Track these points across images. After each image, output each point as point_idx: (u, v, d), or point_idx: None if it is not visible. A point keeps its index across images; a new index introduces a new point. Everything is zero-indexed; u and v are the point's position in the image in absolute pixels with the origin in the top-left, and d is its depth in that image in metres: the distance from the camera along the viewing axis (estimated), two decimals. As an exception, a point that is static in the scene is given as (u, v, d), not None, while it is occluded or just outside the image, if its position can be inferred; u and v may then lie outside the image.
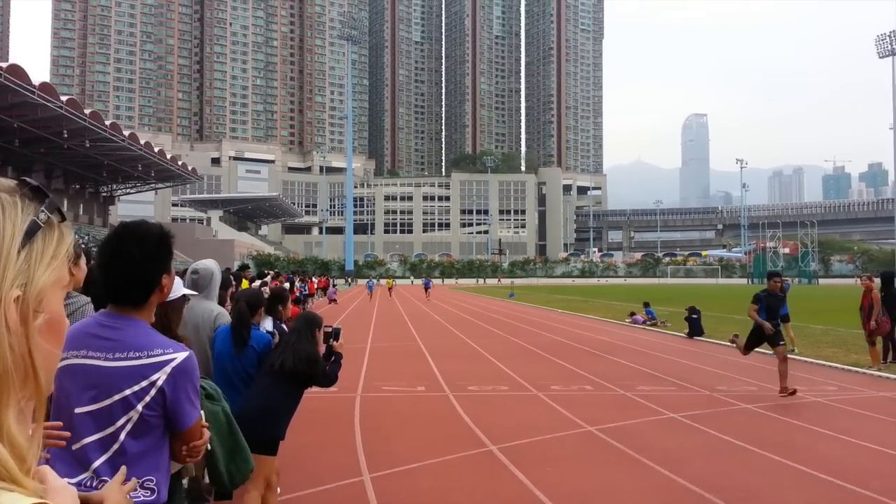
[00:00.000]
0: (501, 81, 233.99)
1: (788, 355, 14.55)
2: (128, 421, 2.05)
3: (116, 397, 2.04)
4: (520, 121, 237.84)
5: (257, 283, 14.78)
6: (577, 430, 7.90)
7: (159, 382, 2.06)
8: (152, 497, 2.07)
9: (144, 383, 2.05)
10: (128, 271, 2.13)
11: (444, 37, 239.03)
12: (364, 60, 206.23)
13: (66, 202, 62.82)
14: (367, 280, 53.03)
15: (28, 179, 0.88)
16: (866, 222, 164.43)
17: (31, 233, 0.85)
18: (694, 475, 6.06)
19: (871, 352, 12.89)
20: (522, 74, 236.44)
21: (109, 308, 2.18)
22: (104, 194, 73.29)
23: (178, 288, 3.23)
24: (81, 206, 65.49)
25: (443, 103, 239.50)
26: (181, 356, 2.12)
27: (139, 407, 2.04)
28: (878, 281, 13.29)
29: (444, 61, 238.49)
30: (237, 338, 4.64)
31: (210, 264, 5.02)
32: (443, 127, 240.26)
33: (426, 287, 47.23)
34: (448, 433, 7.70)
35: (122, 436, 2.04)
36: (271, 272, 23.78)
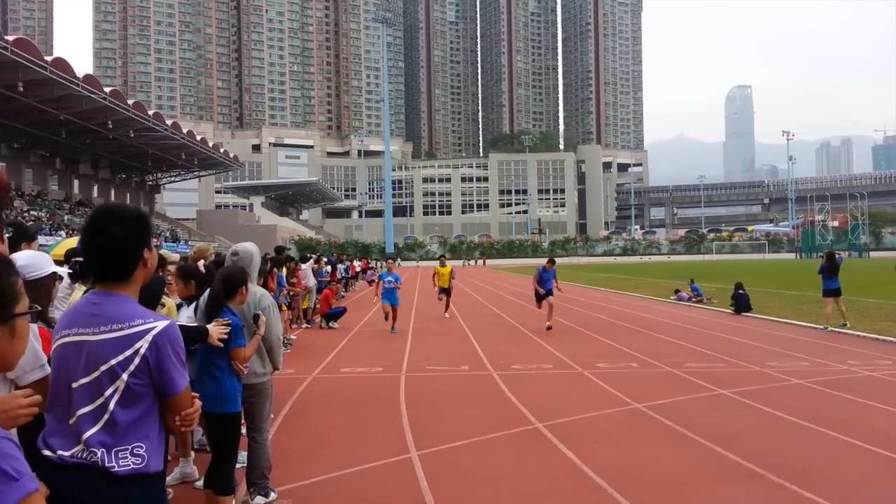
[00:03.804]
0: (538, 59, 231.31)
1: (840, 330, 14.26)
2: (115, 391, 2.12)
3: (103, 368, 2.12)
4: (557, 98, 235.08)
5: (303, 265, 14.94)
6: (624, 407, 7.83)
7: (142, 350, 2.13)
8: (141, 464, 2.12)
9: (129, 352, 2.13)
10: (109, 247, 2.22)
11: (478, 16, 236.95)
12: (399, 43, 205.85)
13: (113, 191, 64.36)
14: (385, 275, 16.14)
15: None
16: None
17: None
18: (746, 451, 5.95)
19: None
20: (559, 51, 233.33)
21: (98, 286, 2.28)
22: (150, 183, 74.82)
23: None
24: (128, 195, 66.99)
25: (479, 83, 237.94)
26: (162, 324, 2.19)
27: (124, 376, 2.12)
28: None
29: (479, 41, 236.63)
30: (206, 320, 4.37)
31: (249, 246, 5.06)
32: (479, 107, 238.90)
33: (544, 286, 15.72)
34: (494, 411, 7.70)
35: (112, 405, 2.12)
36: (313, 256, 24.01)
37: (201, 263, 6.02)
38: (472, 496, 5.04)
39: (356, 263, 40.49)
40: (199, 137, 62.42)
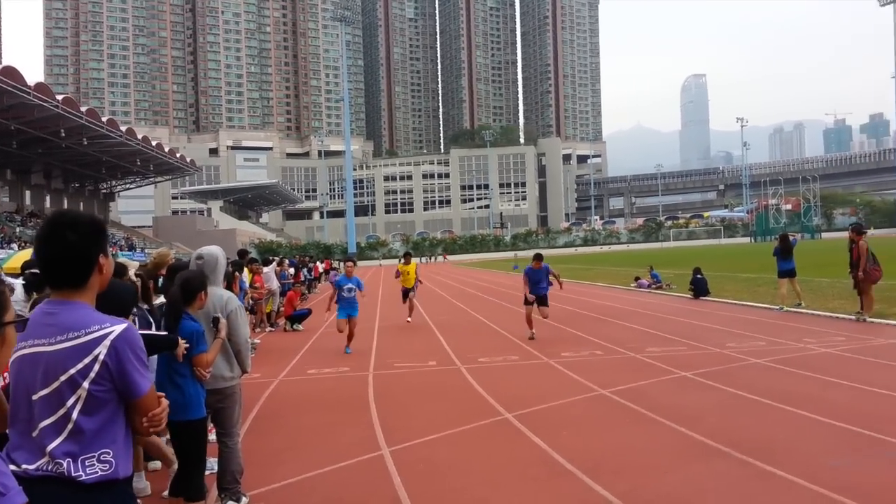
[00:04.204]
0: (497, 54, 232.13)
1: (796, 309, 14.63)
2: (77, 399, 2.09)
3: (63, 378, 2.09)
4: (517, 93, 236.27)
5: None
6: (590, 393, 7.96)
7: (101, 356, 2.11)
8: (109, 470, 2.12)
9: (87, 360, 2.10)
10: (63, 253, 2.18)
11: (437, 12, 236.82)
12: (358, 41, 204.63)
13: (66, 201, 62.88)
14: (343, 281, 12.51)
15: None
16: (868, 174, 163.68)
17: None
18: (710, 430, 6.11)
19: (864, 300, 13.09)
20: (518, 45, 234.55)
21: (52, 295, 2.24)
22: (104, 191, 73.28)
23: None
24: (82, 204, 65.49)
25: (439, 80, 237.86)
26: (119, 328, 2.16)
27: (85, 384, 2.09)
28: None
29: (438, 37, 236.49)
30: (167, 327, 4.29)
31: (214, 250, 5.03)
32: (440, 104, 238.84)
33: (535, 288, 13.14)
34: (463, 404, 7.76)
35: (75, 414, 2.09)
36: (275, 259, 23.82)
37: (132, 272, 5.96)
38: (446, 488, 5.08)
39: (319, 265, 40.26)
40: (154, 143, 61.26)
